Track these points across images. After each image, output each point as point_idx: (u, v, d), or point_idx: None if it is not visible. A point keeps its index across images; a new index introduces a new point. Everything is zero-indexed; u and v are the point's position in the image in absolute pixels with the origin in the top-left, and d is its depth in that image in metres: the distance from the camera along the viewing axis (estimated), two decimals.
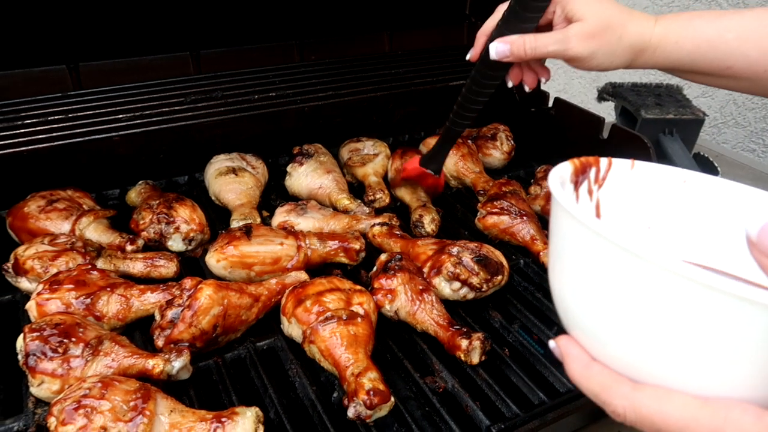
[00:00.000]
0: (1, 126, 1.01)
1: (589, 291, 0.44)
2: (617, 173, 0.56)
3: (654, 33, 0.88)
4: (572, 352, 0.45)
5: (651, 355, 0.40)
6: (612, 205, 0.57)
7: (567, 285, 0.46)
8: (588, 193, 0.56)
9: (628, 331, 0.41)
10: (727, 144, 2.27)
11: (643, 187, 0.56)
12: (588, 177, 0.55)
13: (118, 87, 1.17)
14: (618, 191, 0.57)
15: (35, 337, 0.80)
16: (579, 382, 0.44)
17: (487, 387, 0.87)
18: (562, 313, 0.48)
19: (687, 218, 0.56)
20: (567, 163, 0.53)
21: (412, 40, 1.58)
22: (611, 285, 0.41)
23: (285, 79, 1.28)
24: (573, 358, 0.45)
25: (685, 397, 0.38)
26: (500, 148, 1.48)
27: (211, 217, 1.21)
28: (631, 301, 0.40)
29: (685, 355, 0.39)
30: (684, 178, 0.55)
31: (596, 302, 0.43)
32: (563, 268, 0.47)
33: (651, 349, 0.40)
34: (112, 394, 0.71)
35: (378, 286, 0.96)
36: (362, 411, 0.77)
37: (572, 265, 0.45)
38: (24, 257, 0.98)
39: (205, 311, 0.86)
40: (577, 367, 0.44)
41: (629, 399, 0.40)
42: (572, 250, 0.45)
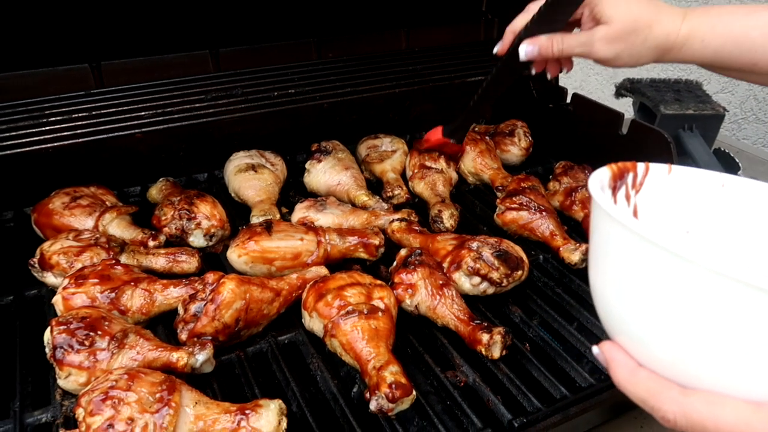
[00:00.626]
0: (26, 124, 1.03)
1: (634, 295, 0.43)
2: (655, 178, 0.56)
3: (680, 32, 0.88)
4: (617, 357, 0.45)
5: (700, 360, 0.40)
6: (650, 209, 0.57)
7: (610, 290, 0.46)
8: (626, 198, 0.56)
9: (675, 335, 0.40)
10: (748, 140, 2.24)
11: (681, 191, 0.56)
12: (626, 182, 0.55)
13: (140, 85, 1.19)
14: (655, 196, 0.57)
15: (62, 330, 0.81)
16: (626, 387, 0.44)
17: (508, 381, 0.87)
18: (606, 319, 0.48)
19: (726, 222, 0.56)
20: (605, 168, 0.53)
21: (428, 37, 1.58)
22: (657, 289, 0.41)
23: (303, 76, 1.29)
24: (618, 363, 0.45)
25: (737, 402, 0.38)
26: (518, 144, 1.47)
27: (231, 213, 1.22)
28: (678, 304, 0.39)
29: (735, 359, 0.38)
30: (722, 182, 0.55)
31: (642, 306, 0.42)
32: (606, 272, 0.46)
33: (700, 353, 0.39)
34: (139, 386, 0.72)
35: (398, 280, 0.96)
36: (384, 404, 0.77)
37: (616, 269, 0.45)
38: (50, 252, 0.99)
39: (227, 305, 0.87)
40: (623, 373, 0.44)
41: (679, 404, 0.40)
42: (616, 254, 0.44)
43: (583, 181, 1.27)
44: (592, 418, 0.89)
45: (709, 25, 0.87)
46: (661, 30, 0.88)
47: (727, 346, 0.38)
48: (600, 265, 0.47)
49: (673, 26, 0.88)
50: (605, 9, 0.87)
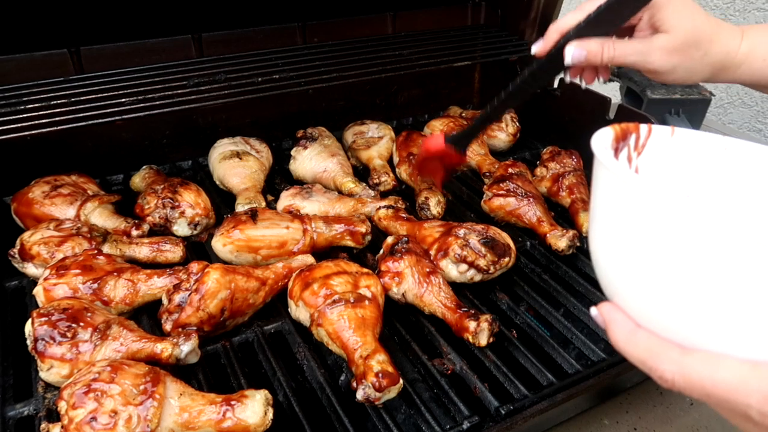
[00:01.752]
0: (3, 111, 1.00)
1: (633, 252, 0.43)
2: (657, 140, 0.55)
3: (740, 50, 0.83)
4: (616, 317, 0.44)
5: (699, 319, 0.39)
6: (651, 172, 0.56)
7: (609, 249, 0.45)
8: (627, 160, 0.55)
9: (675, 294, 0.40)
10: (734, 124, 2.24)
11: (683, 154, 0.56)
12: (628, 144, 0.54)
13: (120, 71, 1.16)
14: (657, 158, 0.56)
15: (43, 321, 0.80)
16: (624, 348, 0.44)
17: (495, 368, 0.87)
18: (604, 280, 0.48)
19: (728, 187, 0.55)
20: (608, 129, 0.53)
21: (415, 21, 1.56)
22: (657, 246, 0.40)
23: (288, 61, 1.27)
24: (617, 323, 0.44)
25: (735, 361, 0.38)
26: (505, 130, 1.46)
27: (216, 201, 1.21)
28: (678, 262, 0.39)
29: (734, 318, 0.38)
30: (725, 145, 0.54)
31: (641, 264, 0.42)
32: (606, 231, 0.46)
33: (698, 312, 0.39)
34: (122, 378, 0.71)
35: (385, 268, 0.96)
36: (371, 393, 0.77)
37: (616, 226, 0.44)
38: (30, 243, 0.97)
39: (212, 295, 0.86)
40: (621, 333, 0.44)
41: (678, 364, 0.40)
42: (616, 210, 0.44)
43: (571, 167, 1.26)
44: (578, 403, 0.89)
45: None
46: (721, 47, 0.82)
47: (726, 305, 0.38)
48: (599, 224, 0.47)
49: (734, 43, 0.83)
50: (668, 17, 0.80)
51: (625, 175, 0.42)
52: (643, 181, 0.41)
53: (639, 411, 0.93)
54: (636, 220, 0.42)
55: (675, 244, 0.39)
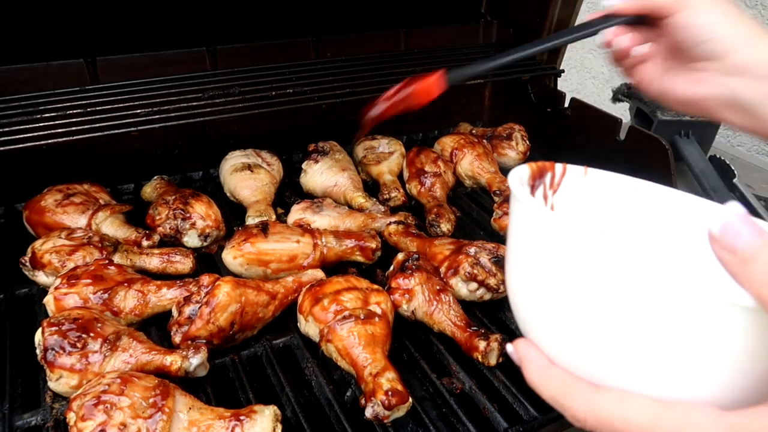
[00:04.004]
0: (20, 119, 1.01)
1: (545, 290, 0.43)
2: (571, 179, 0.57)
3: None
4: (530, 354, 0.44)
5: (610, 357, 0.39)
6: (566, 210, 0.58)
7: (523, 285, 0.46)
8: (543, 198, 0.56)
9: (586, 332, 0.40)
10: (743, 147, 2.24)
11: (596, 194, 0.57)
12: (544, 182, 0.56)
13: (136, 81, 1.17)
14: (572, 197, 0.57)
15: (54, 331, 0.80)
16: (538, 386, 0.43)
17: (504, 389, 0.87)
18: (519, 316, 0.48)
19: (637, 226, 0.57)
20: (525, 166, 0.54)
21: (427, 38, 1.58)
22: (567, 282, 0.40)
23: (301, 76, 1.28)
24: (531, 361, 0.44)
25: (646, 400, 0.38)
26: (516, 148, 1.47)
27: (226, 213, 1.21)
28: (587, 299, 0.39)
29: (644, 357, 0.38)
30: (634, 187, 0.56)
31: (552, 302, 0.42)
32: (519, 267, 0.46)
33: (610, 350, 0.39)
34: (132, 390, 0.71)
35: (395, 285, 0.95)
36: (380, 411, 0.76)
37: (528, 262, 0.44)
38: (41, 251, 0.98)
39: (222, 308, 0.86)
40: (535, 372, 0.43)
41: (588, 402, 0.39)
42: (528, 246, 0.44)
43: None
44: None
45: None
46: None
47: (636, 343, 0.38)
48: (513, 259, 0.47)
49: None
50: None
51: (539, 210, 0.42)
52: (555, 217, 0.41)
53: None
54: (547, 256, 0.42)
55: (583, 282, 0.39)
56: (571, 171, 0.56)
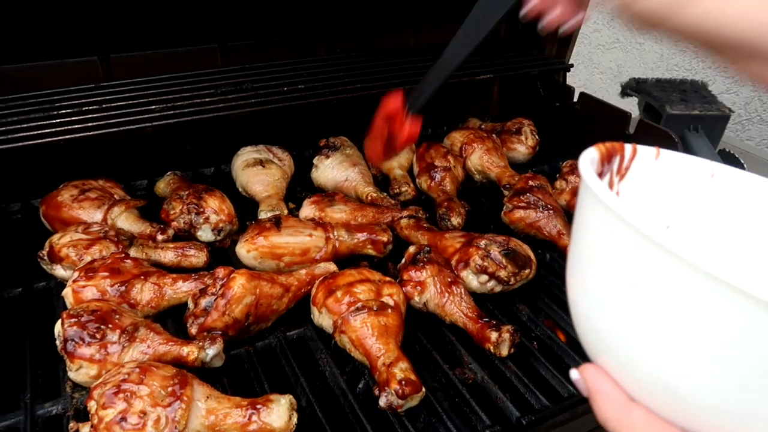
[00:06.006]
0: (36, 116, 1.03)
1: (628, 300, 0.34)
2: (641, 163, 0.50)
3: None
4: (605, 388, 0.36)
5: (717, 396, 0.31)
6: (632, 199, 0.50)
7: (594, 293, 0.37)
8: (609, 186, 0.49)
9: (682, 359, 0.31)
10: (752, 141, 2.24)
11: (667, 179, 0.50)
12: (611, 168, 0.49)
13: (150, 78, 1.19)
14: (640, 183, 0.50)
15: (73, 322, 0.82)
16: (615, 427, 0.36)
17: (516, 379, 0.88)
18: (587, 333, 0.39)
19: (712, 217, 0.49)
20: (594, 150, 0.46)
21: (436, 35, 1.58)
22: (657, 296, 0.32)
23: (312, 72, 1.29)
24: (606, 397, 0.36)
25: None
26: (525, 142, 1.47)
27: (238, 208, 1.22)
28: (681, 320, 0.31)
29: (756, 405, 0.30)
30: (712, 171, 0.49)
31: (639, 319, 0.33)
32: (594, 273, 0.37)
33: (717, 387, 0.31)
34: (151, 380, 0.73)
35: (407, 277, 0.97)
36: (394, 400, 0.77)
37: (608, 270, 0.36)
38: (59, 245, 0.99)
39: (238, 300, 0.87)
40: (612, 411, 0.36)
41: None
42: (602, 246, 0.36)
43: None
44: None
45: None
46: None
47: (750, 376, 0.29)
48: (581, 262, 0.39)
49: None
50: None
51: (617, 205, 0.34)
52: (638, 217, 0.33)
53: None
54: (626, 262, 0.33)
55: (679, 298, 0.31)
56: (642, 153, 0.50)
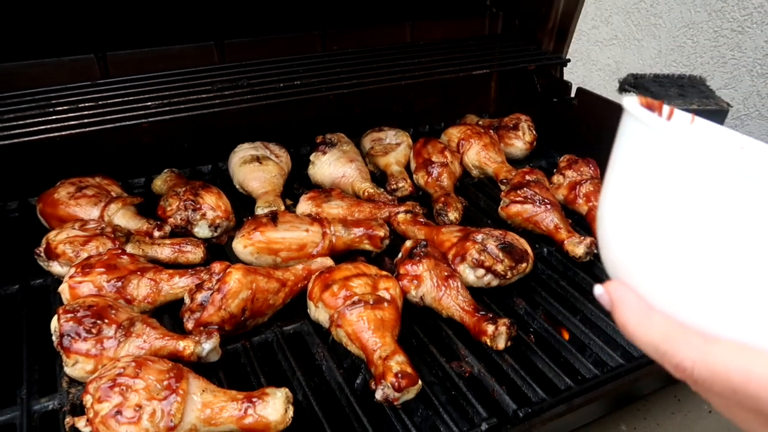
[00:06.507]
0: (33, 113, 1.03)
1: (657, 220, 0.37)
2: (677, 123, 0.50)
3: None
4: (627, 297, 0.39)
5: (733, 303, 0.34)
6: None
7: (626, 216, 0.40)
8: None
9: (705, 271, 0.35)
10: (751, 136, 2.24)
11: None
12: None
13: (146, 75, 1.19)
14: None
15: (69, 318, 0.82)
16: (635, 331, 0.38)
17: (513, 372, 0.87)
18: (614, 255, 0.42)
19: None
20: (634, 97, 0.47)
21: (433, 30, 1.58)
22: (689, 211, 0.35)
23: (309, 68, 1.29)
24: (628, 303, 0.39)
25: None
26: (522, 138, 1.47)
27: (236, 205, 1.22)
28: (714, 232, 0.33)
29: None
30: (742, 144, 0.50)
31: (666, 235, 0.36)
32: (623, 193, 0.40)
33: (733, 294, 0.34)
34: (146, 374, 0.72)
35: (404, 271, 0.96)
36: (390, 393, 0.77)
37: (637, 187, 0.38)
38: (56, 242, 0.99)
39: (234, 295, 0.87)
40: (633, 315, 0.38)
41: (701, 352, 0.34)
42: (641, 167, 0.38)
43: (588, 175, 1.27)
44: (596, 409, 0.89)
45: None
46: None
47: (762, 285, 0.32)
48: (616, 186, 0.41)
49: None
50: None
51: (663, 126, 0.36)
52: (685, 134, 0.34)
53: (657, 418, 0.93)
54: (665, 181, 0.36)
55: (709, 212, 0.33)
56: (678, 115, 0.50)
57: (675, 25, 2.35)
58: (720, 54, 2.30)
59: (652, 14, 2.36)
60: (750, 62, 2.31)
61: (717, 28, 2.27)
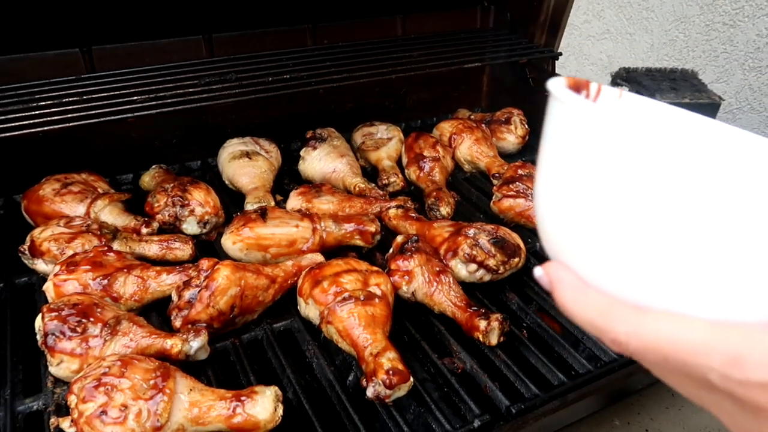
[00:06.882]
0: (15, 108, 1.01)
1: (584, 200, 0.38)
2: (605, 100, 0.51)
3: None
4: (563, 277, 0.40)
5: (657, 275, 0.35)
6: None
7: (556, 197, 0.41)
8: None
9: (630, 245, 0.36)
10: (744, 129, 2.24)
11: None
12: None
13: (132, 70, 1.17)
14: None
15: (54, 317, 0.80)
16: (572, 309, 0.39)
17: (505, 368, 0.87)
18: (549, 237, 0.43)
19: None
20: (561, 78, 0.48)
21: (424, 24, 1.57)
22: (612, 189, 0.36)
23: (298, 62, 1.27)
24: (564, 283, 0.40)
25: (698, 321, 0.34)
26: (514, 132, 1.46)
27: (225, 201, 1.21)
28: (637, 208, 0.35)
29: (697, 274, 0.34)
30: (669, 115, 0.51)
31: (593, 214, 0.38)
32: (553, 177, 0.41)
33: (657, 267, 0.35)
34: (132, 373, 0.71)
35: (395, 267, 0.95)
36: (381, 391, 0.76)
37: (565, 170, 0.39)
38: (40, 239, 0.98)
39: (222, 291, 0.86)
40: (569, 293, 0.39)
41: (633, 324, 0.36)
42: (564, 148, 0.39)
43: None
44: (589, 404, 0.89)
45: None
46: None
47: (687, 255, 0.34)
48: (546, 171, 0.42)
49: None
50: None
51: (581, 104, 0.37)
52: (604, 110, 0.35)
53: (651, 412, 0.92)
54: (587, 156, 0.37)
55: (633, 186, 0.35)
56: (606, 92, 0.51)
57: (667, 19, 2.35)
58: (712, 48, 2.30)
59: (644, 8, 2.35)
60: (742, 56, 2.31)
61: (709, 21, 2.27)
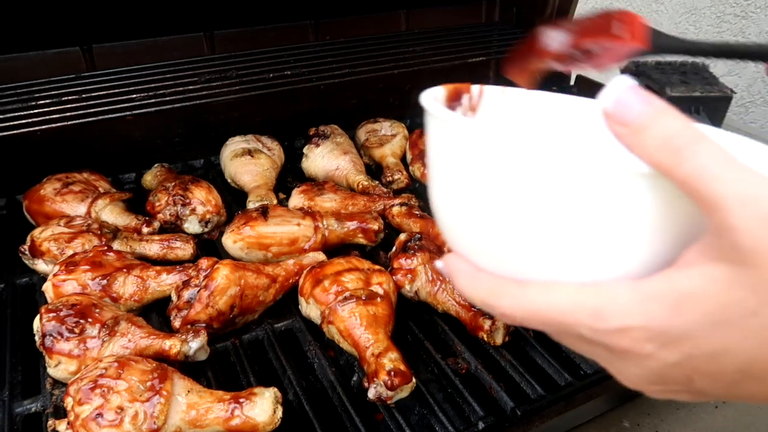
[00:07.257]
0: (15, 107, 1.00)
1: (461, 197, 0.43)
2: (490, 99, 0.55)
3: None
4: (458, 266, 0.45)
5: (529, 251, 0.40)
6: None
7: (443, 199, 0.46)
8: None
9: (502, 229, 0.41)
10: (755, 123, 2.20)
11: (514, 111, 0.56)
12: (462, 103, 0.54)
13: (132, 68, 1.16)
14: (492, 116, 0.56)
15: (52, 317, 0.79)
16: (467, 292, 0.44)
17: (511, 368, 0.85)
18: (445, 232, 0.48)
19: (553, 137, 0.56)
20: (439, 87, 0.53)
21: (428, 18, 1.55)
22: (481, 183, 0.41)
23: (300, 58, 1.26)
24: (459, 271, 0.44)
25: (568, 286, 0.38)
26: None
27: (227, 199, 1.20)
28: (500, 195, 0.40)
29: (560, 245, 0.39)
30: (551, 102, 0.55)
31: (470, 207, 0.42)
32: (438, 182, 0.46)
33: (527, 244, 0.40)
34: (129, 374, 0.70)
35: (398, 266, 0.94)
36: (383, 392, 0.75)
37: (443, 175, 0.45)
38: (40, 239, 0.97)
39: (222, 291, 0.85)
40: (463, 279, 0.44)
41: (515, 297, 0.40)
42: (442, 158, 0.44)
43: None
44: (598, 405, 0.86)
45: None
46: None
47: (549, 230, 0.39)
48: (432, 177, 0.47)
49: None
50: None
51: (443, 116, 0.42)
52: (456, 118, 0.41)
53: (661, 414, 0.90)
54: (458, 162, 0.42)
55: (494, 177, 0.40)
56: (489, 91, 0.55)
57: (677, 11, 2.31)
58: (723, 40, 2.26)
59: (654, 0, 2.32)
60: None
61: (720, 13, 2.23)
